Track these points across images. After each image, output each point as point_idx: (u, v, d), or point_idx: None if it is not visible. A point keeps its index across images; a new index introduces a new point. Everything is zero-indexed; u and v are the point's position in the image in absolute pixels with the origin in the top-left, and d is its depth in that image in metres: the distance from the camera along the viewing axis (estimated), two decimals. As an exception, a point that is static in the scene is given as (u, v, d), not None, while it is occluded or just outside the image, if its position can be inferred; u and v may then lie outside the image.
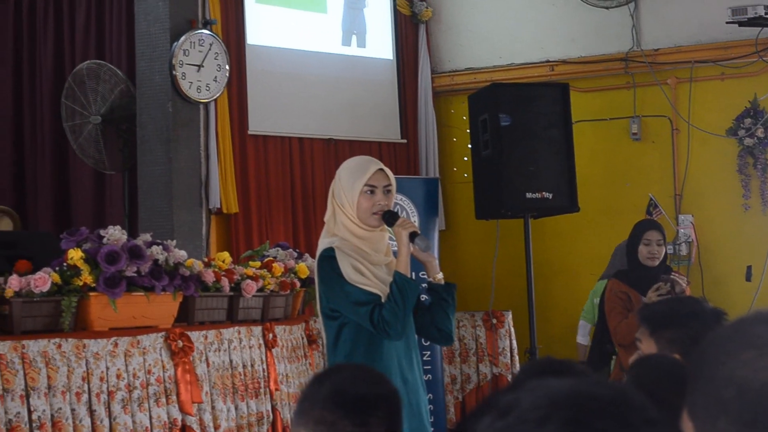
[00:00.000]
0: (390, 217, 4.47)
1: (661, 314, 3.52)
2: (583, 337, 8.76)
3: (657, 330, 3.46)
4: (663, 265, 7.19)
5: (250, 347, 6.54)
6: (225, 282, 6.43)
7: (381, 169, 4.53)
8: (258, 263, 7.00)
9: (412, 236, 4.43)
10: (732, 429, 1.56)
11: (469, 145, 9.25)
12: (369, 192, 4.48)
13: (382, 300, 4.38)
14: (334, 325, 4.47)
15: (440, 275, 4.62)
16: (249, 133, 9.20)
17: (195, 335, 6.07)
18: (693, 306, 3.56)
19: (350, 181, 4.50)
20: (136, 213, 8.72)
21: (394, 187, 4.56)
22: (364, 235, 4.48)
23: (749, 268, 9.13)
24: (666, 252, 7.27)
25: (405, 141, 10.36)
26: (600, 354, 7.46)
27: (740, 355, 1.58)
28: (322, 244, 4.52)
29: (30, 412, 5.09)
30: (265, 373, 6.63)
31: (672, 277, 7.05)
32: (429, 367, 8.18)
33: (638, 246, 7.15)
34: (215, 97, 8.71)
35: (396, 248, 4.48)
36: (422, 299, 4.70)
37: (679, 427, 1.66)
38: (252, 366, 6.52)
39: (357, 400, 2.49)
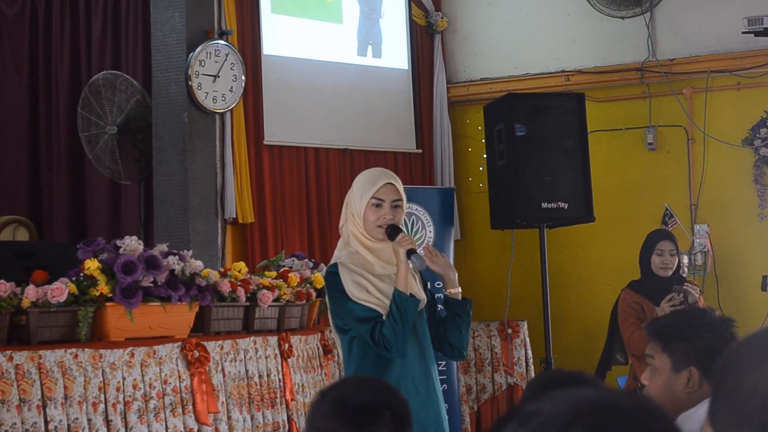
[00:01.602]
0: (393, 232, 4.47)
1: (672, 328, 3.45)
2: None
3: (670, 344, 3.41)
4: (676, 275, 7.19)
5: (266, 357, 6.55)
6: (241, 292, 6.44)
7: (391, 184, 4.53)
8: (274, 273, 7.01)
9: (409, 254, 4.43)
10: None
11: (485, 155, 9.23)
12: (376, 205, 4.49)
13: (384, 317, 4.39)
14: (345, 338, 4.50)
15: (457, 290, 4.61)
16: (264, 143, 9.20)
17: (211, 345, 6.08)
18: (702, 316, 3.50)
19: (360, 192, 4.53)
20: (152, 223, 8.74)
21: (403, 203, 4.55)
22: (371, 245, 4.50)
23: (765, 277, 9.09)
24: (679, 262, 7.26)
25: (420, 151, 10.36)
26: (606, 363, 7.46)
27: (764, 367, 1.58)
28: (333, 257, 4.57)
29: (47, 422, 5.11)
30: (281, 383, 6.63)
31: (685, 287, 7.03)
32: (444, 377, 8.16)
33: (651, 256, 7.15)
34: (231, 108, 8.72)
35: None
36: (438, 309, 4.70)
37: None
38: (268, 376, 6.53)
39: (356, 410, 2.51)
